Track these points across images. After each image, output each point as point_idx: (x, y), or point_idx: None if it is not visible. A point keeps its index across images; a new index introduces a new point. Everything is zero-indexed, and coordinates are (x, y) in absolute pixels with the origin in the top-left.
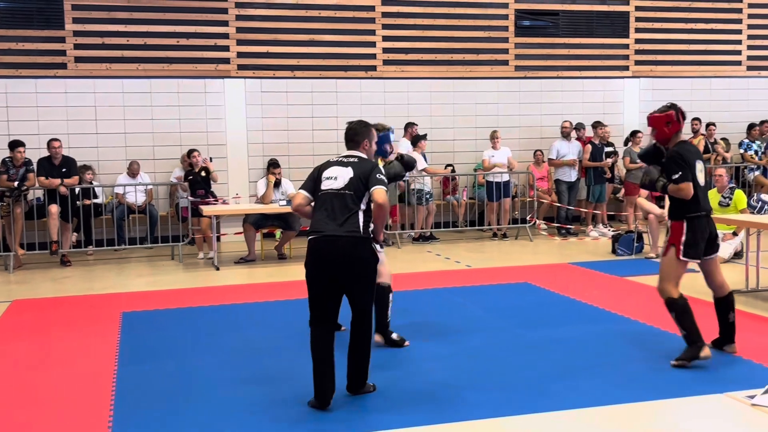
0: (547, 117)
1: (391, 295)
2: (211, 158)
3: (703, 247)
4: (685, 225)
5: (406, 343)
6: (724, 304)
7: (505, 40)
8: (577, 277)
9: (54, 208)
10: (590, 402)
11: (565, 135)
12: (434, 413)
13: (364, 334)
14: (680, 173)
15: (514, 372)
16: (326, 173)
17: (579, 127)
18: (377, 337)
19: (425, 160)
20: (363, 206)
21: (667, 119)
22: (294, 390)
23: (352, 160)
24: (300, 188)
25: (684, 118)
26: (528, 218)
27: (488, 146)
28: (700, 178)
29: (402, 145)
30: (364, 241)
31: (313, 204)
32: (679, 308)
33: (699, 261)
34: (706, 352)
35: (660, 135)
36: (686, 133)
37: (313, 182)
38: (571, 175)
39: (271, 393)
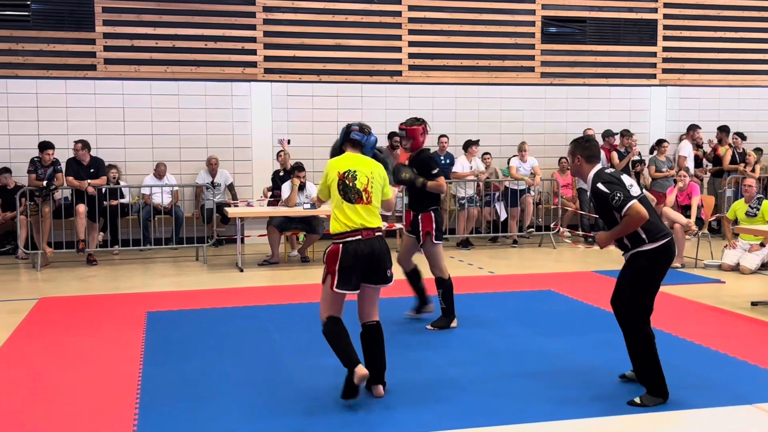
0: (572, 124)
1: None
2: (289, 141)
3: None
4: (433, 215)
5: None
6: (415, 275)
7: (532, 46)
8: (600, 285)
9: (81, 208)
10: (613, 411)
11: None
12: (452, 418)
13: None
14: (438, 170)
15: (536, 379)
16: (625, 180)
17: (608, 134)
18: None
19: (470, 164)
20: None
21: (422, 131)
22: (318, 391)
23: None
24: (630, 196)
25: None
26: (552, 226)
27: (515, 153)
28: None
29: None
30: None
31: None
32: (447, 286)
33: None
34: (455, 323)
35: (416, 144)
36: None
37: (628, 189)
38: None
39: (294, 394)
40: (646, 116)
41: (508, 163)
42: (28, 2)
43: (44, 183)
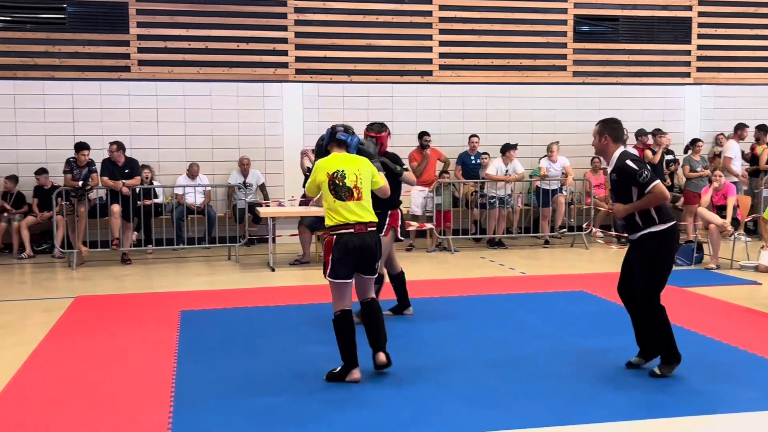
0: None
1: None
2: (313, 150)
3: None
4: (399, 213)
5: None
6: (400, 279)
7: (564, 45)
8: None
9: (116, 208)
10: (646, 414)
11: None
12: (489, 420)
13: None
14: (406, 165)
15: (568, 381)
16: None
17: (641, 133)
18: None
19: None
20: None
21: (387, 135)
22: (348, 386)
23: None
24: (655, 177)
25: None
26: (584, 226)
27: (546, 154)
28: None
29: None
30: None
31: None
32: (401, 279)
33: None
34: (410, 311)
35: (383, 149)
36: (748, 141)
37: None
38: None
39: (329, 390)
40: (680, 115)
41: (539, 163)
42: (64, 5)
43: (80, 183)
